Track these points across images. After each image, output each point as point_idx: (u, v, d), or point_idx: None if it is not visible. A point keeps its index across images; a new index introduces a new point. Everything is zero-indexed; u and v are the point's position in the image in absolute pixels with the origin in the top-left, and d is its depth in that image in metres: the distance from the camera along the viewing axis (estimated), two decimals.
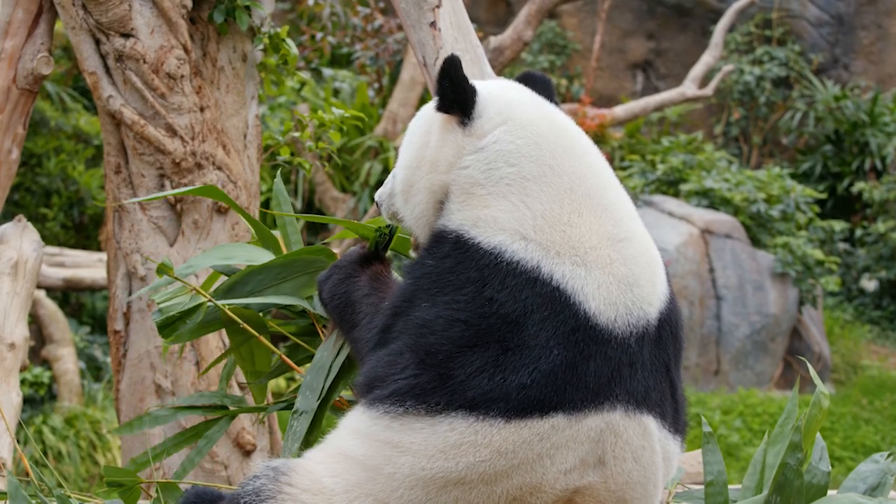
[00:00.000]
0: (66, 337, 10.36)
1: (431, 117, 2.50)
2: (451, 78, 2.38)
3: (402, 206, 2.56)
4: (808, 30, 19.66)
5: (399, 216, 2.60)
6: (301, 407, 2.81)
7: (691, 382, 12.80)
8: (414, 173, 2.50)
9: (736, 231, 13.82)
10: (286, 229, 3.28)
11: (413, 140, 2.54)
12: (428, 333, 2.25)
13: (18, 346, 4.57)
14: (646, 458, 2.28)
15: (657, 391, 2.31)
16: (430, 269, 2.33)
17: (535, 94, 2.54)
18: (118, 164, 4.73)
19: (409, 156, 2.53)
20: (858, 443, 11.73)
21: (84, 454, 9.50)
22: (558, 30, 20.24)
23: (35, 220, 11.54)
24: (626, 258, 2.31)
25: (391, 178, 2.66)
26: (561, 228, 2.28)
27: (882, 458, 2.85)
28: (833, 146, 18.23)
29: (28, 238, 4.79)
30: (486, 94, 2.45)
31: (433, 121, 2.49)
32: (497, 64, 11.14)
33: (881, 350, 15.06)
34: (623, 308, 2.26)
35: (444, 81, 2.39)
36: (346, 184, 14.36)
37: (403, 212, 2.56)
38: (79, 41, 4.60)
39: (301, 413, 2.79)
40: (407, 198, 2.52)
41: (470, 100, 2.41)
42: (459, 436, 2.18)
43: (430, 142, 2.47)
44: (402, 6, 4.22)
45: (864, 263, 16.10)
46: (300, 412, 2.80)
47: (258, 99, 5.06)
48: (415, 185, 2.49)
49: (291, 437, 2.78)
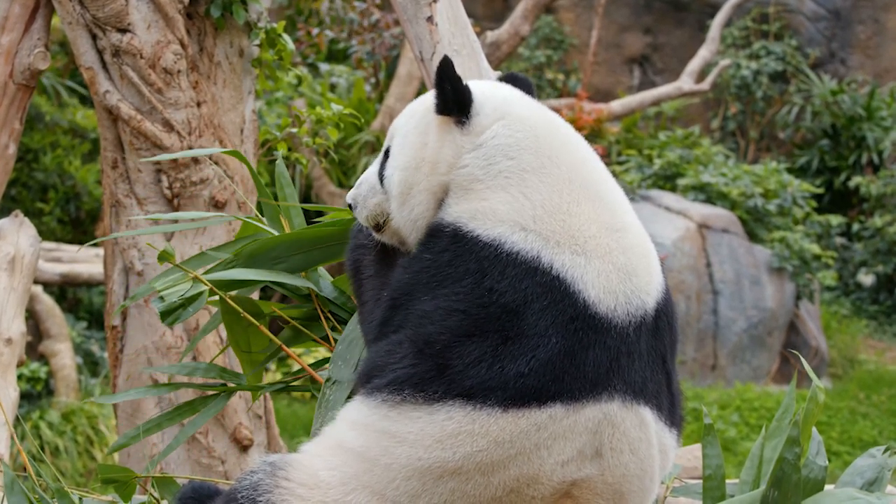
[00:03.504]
0: (63, 332, 10.36)
1: (427, 118, 2.48)
2: (450, 79, 2.38)
3: (396, 209, 2.51)
4: (805, 24, 19.67)
5: (390, 219, 2.57)
6: (335, 376, 2.81)
7: (688, 377, 12.82)
8: (413, 175, 2.47)
9: (733, 226, 13.83)
10: (290, 212, 3.28)
11: (409, 141, 2.51)
12: (427, 323, 2.25)
13: (15, 342, 4.57)
14: (643, 450, 2.28)
15: (654, 382, 2.30)
16: (428, 262, 2.33)
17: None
18: (115, 159, 4.73)
19: (407, 157, 2.50)
20: (855, 437, 11.75)
21: (81, 449, 9.50)
22: (555, 24, 20.23)
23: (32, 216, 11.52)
24: (625, 248, 2.31)
25: (370, 179, 2.63)
26: (560, 218, 2.28)
27: (879, 453, 2.85)
28: (830, 141, 18.25)
29: (25, 233, 4.79)
30: (480, 93, 2.45)
31: (429, 121, 2.47)
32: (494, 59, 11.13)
33: (878, 344, 15.08)
34: (622, 297, 2.26)
35: (444, 84, 2.39)
36: (342, 179, 14.36)
37: (397, 213, 2.52)
38: (75, 36, 4.59)
39: (334, 382, 2.80)
40: (404, 200, 2.49)
41: (467, 99, 2.41)
42: (457, 425, 2.18)
43: (429, 143, 2.46)
44: (400, 1, 4.22)
45: (860, 258, 16.12)
46: (333, 381, 2.80)
47: (255, 94, 5.06)
48: (414, 188, 2.46)
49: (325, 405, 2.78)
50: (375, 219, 2.62)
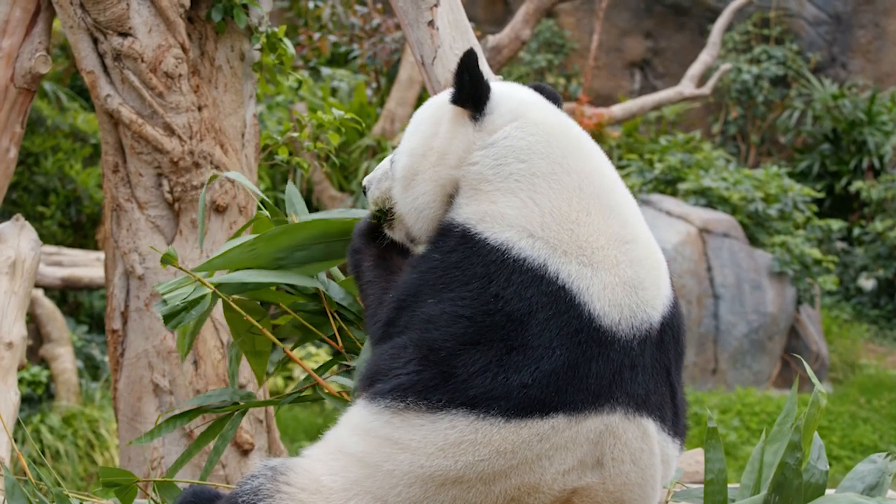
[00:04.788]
0: (64, 336, 10.35)
1: (442, 108, 2.49)
2: (469, 72, 2.38)
3: (399, 193, 2.53)
4: (806, 28, 19.67)
5: (392, 202, 2.58)
6: None
7: (689, 381, 12.80)
8: (419, 162, 2.48)
9: (734, 230, 13.82)
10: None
11: (420, 128, 2.53)
12: (432, 329, 2.25)
13: (16, 346, 4.56)
14: (644, 460, 2.28)
15: (657, 394, 2.30)
16: (435, 263, 2.33)
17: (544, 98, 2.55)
18: (116, 162, 4.73)
19: (416, 143, 2.51)
20: (856, 442, 11.74)
21: (82, 453, 9.49)
22: (556, 29, 20.23)
23: (32, 219, 11.53)
24: (633, 260, 2.30)
25: (385, 164, 2.65)
26: (569, 227, 2.28)
27: (880, 458, 2.85)
28: (831, 145, 18.24)
29: (26, 237, 4.79)
30: (499, 92, 2.45)
31: (444, 112, 2.48)
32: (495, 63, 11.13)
33: (879, 349, 15.06)
34: (627, 310, 2.26)
35: (463, 75, 2.39)
36: (344, 183, 14.36)
37: (400, 199, 2.54)
38: (76, 40, 4.60)
39: None
40: (408, 185, 2.50)
41: (485, 95, 2.41)
42: (459, 434, 2.18)
43: (440, 132, 2.46)
44: (401, 5, 4.22)
45: (861, 262, 16.11)
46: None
47: (256, 98, 5.06)
48: (419, 175, 2.47)
49: None
50: (382, 203, 2.63)
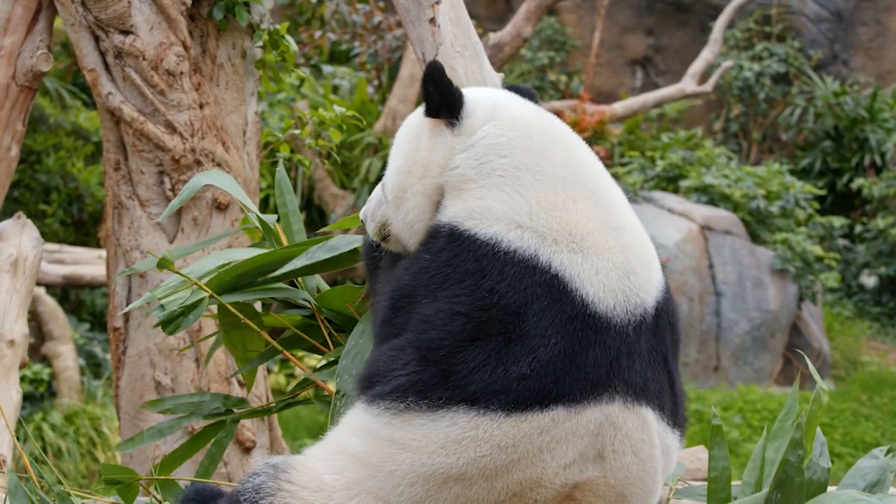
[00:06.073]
0: (66, 334, 10.36)
1: (420, 123, 2.49)
2: (435, 81, 2.38)
3: (392, 213, 2.53)
4: (808, 26, 19.65)
5: (389, 225, 2.58)
6: (343, 389, 2.83)
7: (691, 379, 12.80)
8: (405, 179, 2.48)
9: (735, 227, 13.82)
10: (288, 219, 3.28)
11: (403, 146, 2.53)
12: (429, 329, 2.24)
13: (18, 343, 4.57)
14: (645, 451, 2.27)
15: (655, 383, 2.29)
16: (426, 263, 2.32)
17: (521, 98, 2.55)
18: (117, 160, 4.73)
19: (400, 161, 2.51)
20: (858, 439, 11.74)
21: (84, 451, 9.50)
22: (557, 26, 20.22)
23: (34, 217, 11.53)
24: (623, 245, 2.29)
25: (377, 191, 2.64)
26: (557, 215, 2.27)
27: (882, 454, 2.85)
28: (832, 142, 18.23)
29: (27, 235, 4.79)
30: (473, 97, 2.45)
31: (422, 126, 2.48)
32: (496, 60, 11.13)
33: (881, 346, 15.06)
34: (621, 295, 2.24)
35: (428, 86, 2.39)
36: (345, 180, 14.36)
37: (394, 219, 2.53)
38: (78, 38, 4.60)
39: (343, 395, 2.82)
40: (399, 204, 2.50)
41: (457, 101, 2.40)
42: (460, 431, 2.17)
43: (421, 146, 2.46)
44: (402, 2, 4.22)
45: (863, 259, 16.11)
46: (342, 394, 2.82)
47: (257, 95, 5.06)
48: (407, 191, 2.47)
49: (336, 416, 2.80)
50: (381, 230, 2.62)
